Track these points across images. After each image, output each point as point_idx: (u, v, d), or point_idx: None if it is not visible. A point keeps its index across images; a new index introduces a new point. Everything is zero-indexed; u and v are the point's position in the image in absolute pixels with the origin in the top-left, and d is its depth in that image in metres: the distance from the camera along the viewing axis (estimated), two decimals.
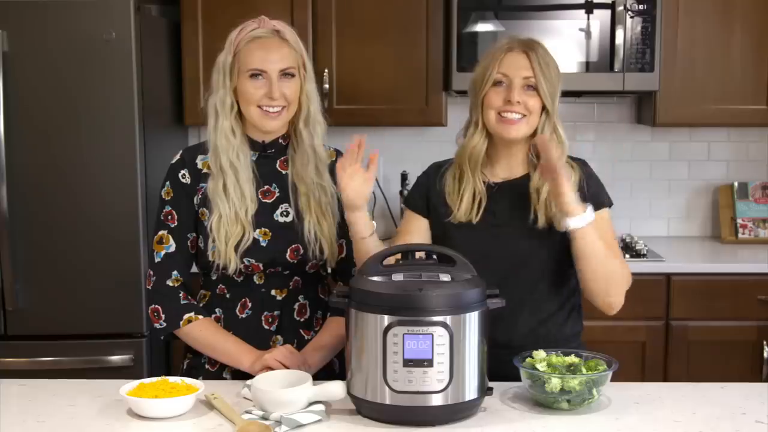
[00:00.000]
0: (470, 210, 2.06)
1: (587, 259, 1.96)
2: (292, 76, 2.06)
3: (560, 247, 2.03)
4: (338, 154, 2.21)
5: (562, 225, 1.95)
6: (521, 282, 2.02)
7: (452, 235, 2.08)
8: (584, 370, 1.82)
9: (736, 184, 3.86)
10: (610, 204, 2.11)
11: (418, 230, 2.14)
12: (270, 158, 2.14)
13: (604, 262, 1.97)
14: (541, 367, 1.82)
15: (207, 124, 2.10)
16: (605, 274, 1.98)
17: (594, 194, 2.06)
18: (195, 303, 2.12)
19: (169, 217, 2.11)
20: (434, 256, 1.86)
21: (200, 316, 2.08)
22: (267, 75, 2.03)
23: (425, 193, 2.16)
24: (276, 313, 2.13)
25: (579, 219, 1.92)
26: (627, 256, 3.41)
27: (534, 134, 2.04)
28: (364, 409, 1.77)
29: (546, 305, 2.06)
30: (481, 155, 2.08)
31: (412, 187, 2.24)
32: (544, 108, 2.02)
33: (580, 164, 2.11)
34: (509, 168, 2.10)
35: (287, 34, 2.07)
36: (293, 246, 2.09)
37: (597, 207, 2.03)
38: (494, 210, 2.08)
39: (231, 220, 2.05)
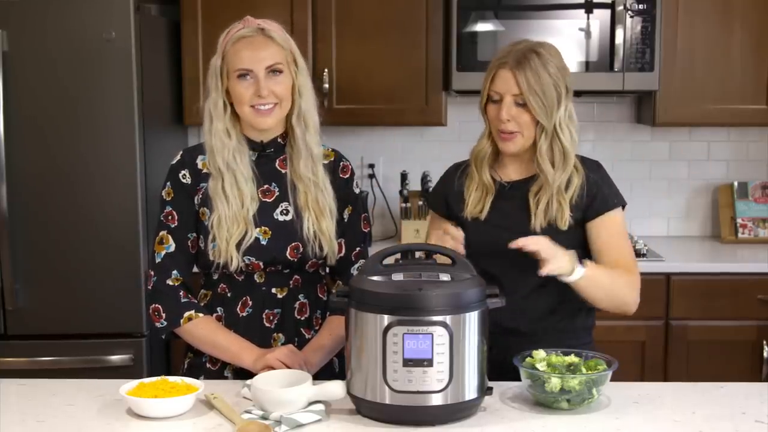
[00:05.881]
0: (477, 205, 2.13)
1: (591, 299, 2.05)
2: (281, 72, 2.06)
3: (569, 243, 2.06)
4: (336, 154, 2.21)
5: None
6: (530, 274, 2.02)
7: (465, 230, 2.13)
8: (584, 370, 1.82)
9: (735, 183, 3.86)
10: (621, 204, 2.13)
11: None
12: (269, 157, 2.14)
13: (609, 295, 2.06)
14: (541, 366, 1.82)
15: (203, 127, 2.12)
16: (614, 302, 2.08)
17: (602, 199, 2.09)
18: (195, 301, 2.12)
19: (170, 217, 2.11)
20: (434, 256, 1.87)
21: (201, 315, 2.08)
22: (254, 74, 2.04)
23: (443, 194, 2.23)
24: (277, 311, 2.13)
25: (571, 277, 1.99)
26: None
27: (535, 145, 2.07)
28: (364, 408, 1.77)
29: (556, 296, 2.08)
30: (486, 156, 2.14)
31: (432, 190, 2.32)
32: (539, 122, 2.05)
33: (593, 167, 2.14)
34: (518, 169, 2.15)
35: (272, 31, 2.08)
36: (293, 244, 2.09)
37: (605, 210, 2.08)
38: (503, 207, 2.13)
39: (230, 220, 2.05)
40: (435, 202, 2.27)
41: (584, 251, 2.10)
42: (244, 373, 2.03)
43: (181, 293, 2.10)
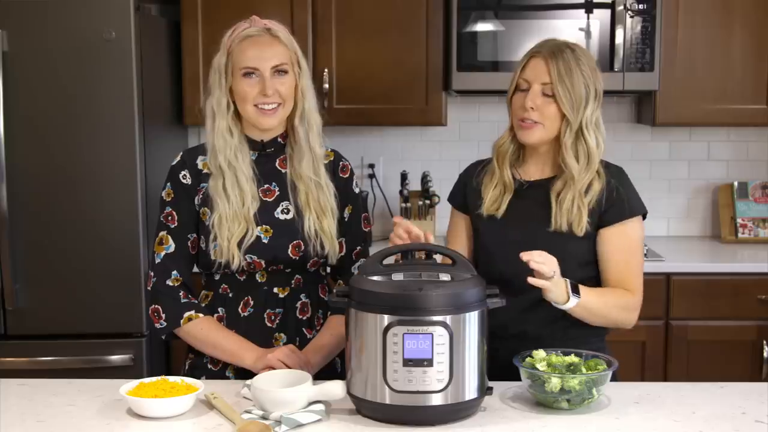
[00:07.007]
0: (494, 203, 2.12)
1: (583, 320, 2.01)
2: (285, 72, 2.07)
3: (582, 248, 2.05)
4: (336, 154, 2.21)
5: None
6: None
7: (480, 227, 2.14)
8: (584, 370, 1.82)
9: (735, 183, 3.86)
10: (639, 213, 2.10)
11: (463, 228, 2.22)
12: (269, 157, 2.15)
13: (601, 319, 2.03)
14: (541, 366, 1.82)
15: (205, 125, 2.12)
16: (606, 324, 2.07)
17: (620, 208, 2.06)
18: (195, 302, 2.12)
19: (170, 218, 2.11)
20: (434, 256, 1.87)
21: (201, 315, 2.09)
22: (260, 72, 2.04)
23: (463, 190, 2.22)
24: (278, 310, 2.14)
25: (566, 306, 1.94)
26: None
27: (558, 141, 2.06)
28: (364, 408, 1.77)
29: None
30: (507, 152, 2.13)
31: (454, 185, 2.29)
32: (565, 115, 2.03)
33: (614, 172, 2.12)
34: (540, 168, 2.13)
35: (279, 31, 2.09)
36: (294, 242, 2.09)
37: (620, 219, 2.06)
38: (520, 206, 2.11)
39: (231, 218, 2.06)
40: (454, 197, 2.26)
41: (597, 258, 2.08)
42: (245, 374, 2.03)
43: (181, 293, 2.10)
